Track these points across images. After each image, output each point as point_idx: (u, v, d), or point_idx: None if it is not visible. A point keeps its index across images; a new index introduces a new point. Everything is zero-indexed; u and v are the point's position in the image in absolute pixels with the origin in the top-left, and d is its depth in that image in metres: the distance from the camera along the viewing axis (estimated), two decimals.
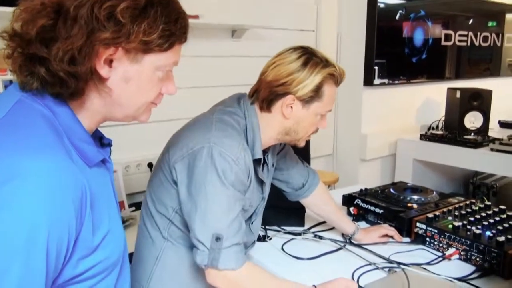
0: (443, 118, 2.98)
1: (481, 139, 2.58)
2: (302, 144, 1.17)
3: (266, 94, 1.08)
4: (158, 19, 0.68)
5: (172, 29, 0.70)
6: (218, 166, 0.99)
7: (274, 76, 1.07)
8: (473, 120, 2.81)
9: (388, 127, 3.02)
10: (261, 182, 1.18)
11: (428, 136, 2.76)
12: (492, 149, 2.44)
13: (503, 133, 2.83)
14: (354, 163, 3.00)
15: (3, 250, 0.57)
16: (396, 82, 2.90)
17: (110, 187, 0.79)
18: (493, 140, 2.54)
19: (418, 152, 2.81)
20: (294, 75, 1.05)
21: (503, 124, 3.18)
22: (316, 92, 1.07)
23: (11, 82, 1.63)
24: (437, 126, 3.01)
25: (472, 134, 2.69)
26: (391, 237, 1.40)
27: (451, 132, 2.77)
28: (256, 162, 1.11)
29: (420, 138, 2.79)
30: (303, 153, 1.52)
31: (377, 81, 2.88)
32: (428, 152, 2.76)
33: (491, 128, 2.89)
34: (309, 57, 1.06)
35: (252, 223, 1.21)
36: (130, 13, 0.65)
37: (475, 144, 2.52)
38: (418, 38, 2.90)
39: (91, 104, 0.72)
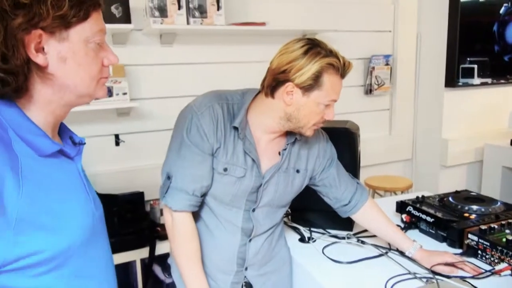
0: None
1: None
2: (308, 133, 1.18)
3: (270, 81, 1.14)
4: None
5: None
6: (187, 117, 1.14)
7: (277, 64, 1.12)
8: None
9: (474, 131, 2.80)
10: (252, 160, 1.18)
11: None
12: None
13: None
14: (434, 169, 2.83)
15: None
16: (483, 82, 2.68)
17: (76, 178, 0.81)
18: None
19: (508, 159, 2.56)
20: (294, 63, 1.09)
21: None
22: (315, 81, 1.09)
23: None
24: None
25: None
26: (461, 269, 1.22)
27: None
28: (245, 138, 1.17)
29: (511, 144, 2.54)
30: (353, 164, 1.51)
31: (477, 80, 2.69)
32: None
33: None
34: (311, 47, 1.09)
35: (253, 211, 1.23)
36: None
37: None
38: (511, 34, 2.65)
39: (40, 95, 0.75)
